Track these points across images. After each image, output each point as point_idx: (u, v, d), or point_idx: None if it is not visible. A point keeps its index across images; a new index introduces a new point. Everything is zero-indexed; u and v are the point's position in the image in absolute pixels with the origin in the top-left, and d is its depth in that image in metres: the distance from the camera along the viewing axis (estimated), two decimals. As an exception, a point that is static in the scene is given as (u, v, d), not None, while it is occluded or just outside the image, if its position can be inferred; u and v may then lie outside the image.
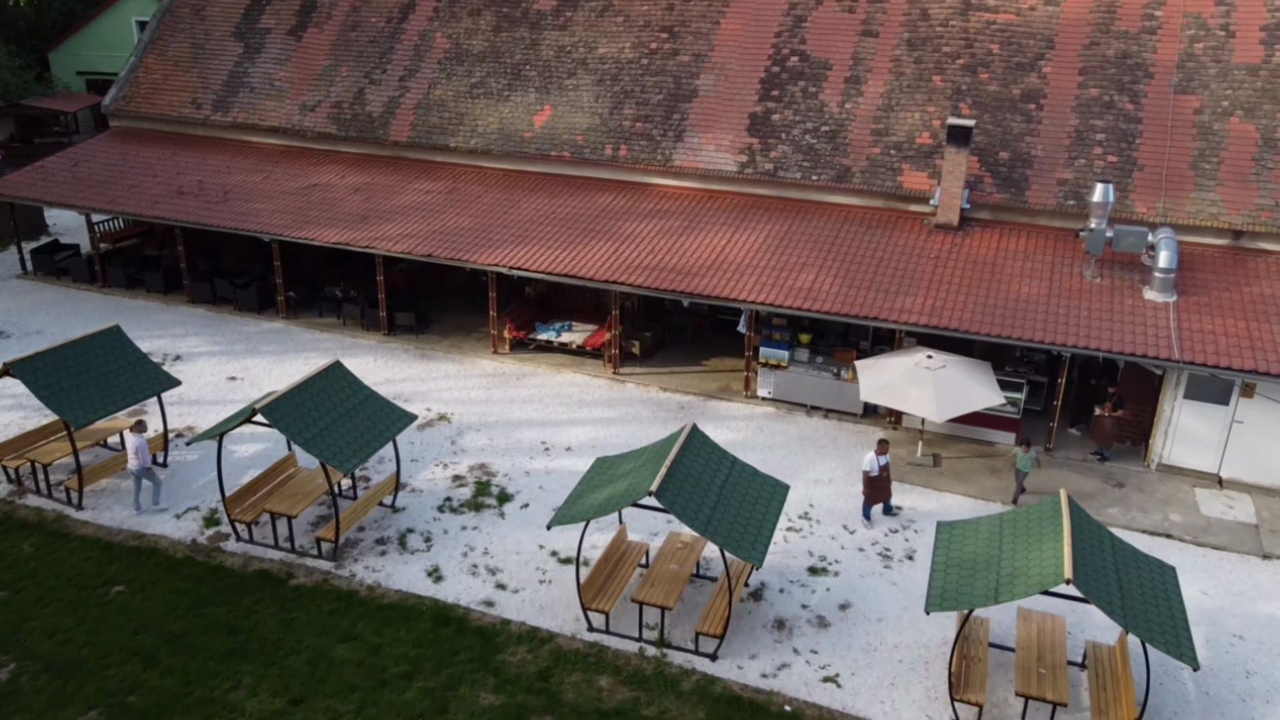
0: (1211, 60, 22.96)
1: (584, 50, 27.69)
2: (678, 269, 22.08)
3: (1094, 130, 22.88)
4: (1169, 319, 19.22)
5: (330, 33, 30.43)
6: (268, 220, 25.34)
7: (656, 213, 24.48)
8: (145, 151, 29.74)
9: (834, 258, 22.07)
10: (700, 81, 26.24)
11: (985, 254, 21.83)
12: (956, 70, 24.49)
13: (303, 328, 26.02)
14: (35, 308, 27.08)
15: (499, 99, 27.64)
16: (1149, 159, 22.22)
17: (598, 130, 26.30)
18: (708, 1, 27.44)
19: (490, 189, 26.28)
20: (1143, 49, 23.55)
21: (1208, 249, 21.41)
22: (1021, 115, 23.55)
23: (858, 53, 25.43)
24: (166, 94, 30.92)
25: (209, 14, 32.08)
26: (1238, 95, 22.39)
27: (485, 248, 23.43)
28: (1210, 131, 22.17)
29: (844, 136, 24.41)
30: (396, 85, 28.79)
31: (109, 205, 26.75)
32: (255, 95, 29.99)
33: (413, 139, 27.77)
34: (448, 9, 29.71)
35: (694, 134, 25.52)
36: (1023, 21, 24.71)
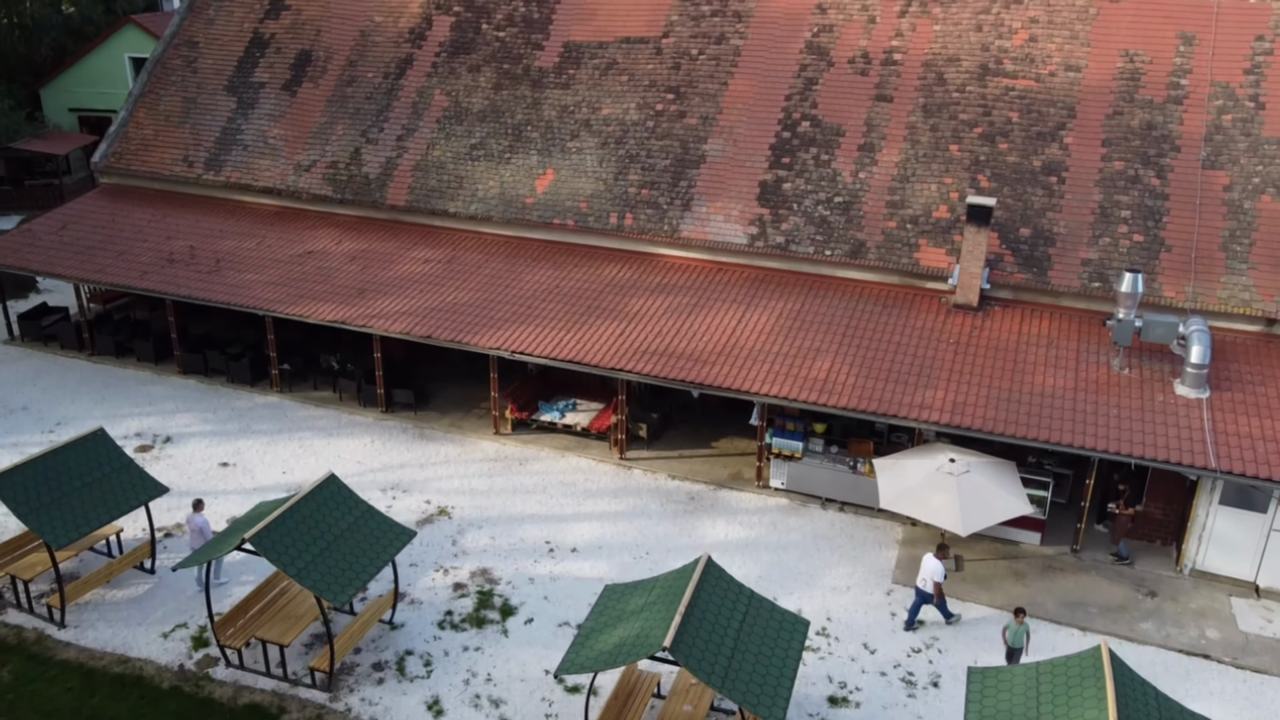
0: (1241, 133, 22.10)
1: (587, 110, 26.83)
2: (687, 354, 21.21)
3: (1119, 206, 22.02)
4: (1203, 419, 18.37)
5: (326, 88, 29.56)
6: (261, 294, 24.47)
7: (664, 287, 23.62)
8: (136, 212, 28.86)
9: (849, 342, 21.21)
10: (708, 146, 25.38)
11: (1007, 339, 20.97)
12: (974, 139, 23.63)
13: (297, 402, 25.15)
14: (22, 379, 26.20)
15: (499, 161, 26.78)
16: (1177, 239, 21.37)
17: (602, 197, 25.43)
18: (715, 61, 26.58)
19: (491, 257, 25.41)
20: (1169, 120, 22.70)
21: (1240, 335, 20.56)
22: (1043, 189, 22.69)
23: (871, 119, 24.57)
24: (157, 150, 30.04)
25: (201, 66, 31.21)
26: (1269, 171, 21.54)
27: (486, 327, 22.56)
28: (1241, 210, 21.32)
29: (858, 208, 23.54)
30: (394, 145, 27.92)
31: (98, 275, 25.87)
32: (249, 153, 29.12)
33: (411, 203, 26.90)
34: (446, 65, 28.85)
35: (702, 203, 24.66)
36: (1043, 88, 23.85)
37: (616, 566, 19.03)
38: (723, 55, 26.62)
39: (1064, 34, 24.33)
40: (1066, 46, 24.17)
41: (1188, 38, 23.49)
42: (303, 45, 30.54)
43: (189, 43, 31.77)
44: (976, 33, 24.94)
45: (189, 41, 31.80)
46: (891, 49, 25.36)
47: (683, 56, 26.90)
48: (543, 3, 29.07)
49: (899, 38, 25.46)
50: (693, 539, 19.89)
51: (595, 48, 27.82)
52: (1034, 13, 24.79)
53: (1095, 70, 23.75)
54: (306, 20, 31.01)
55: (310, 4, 31.27)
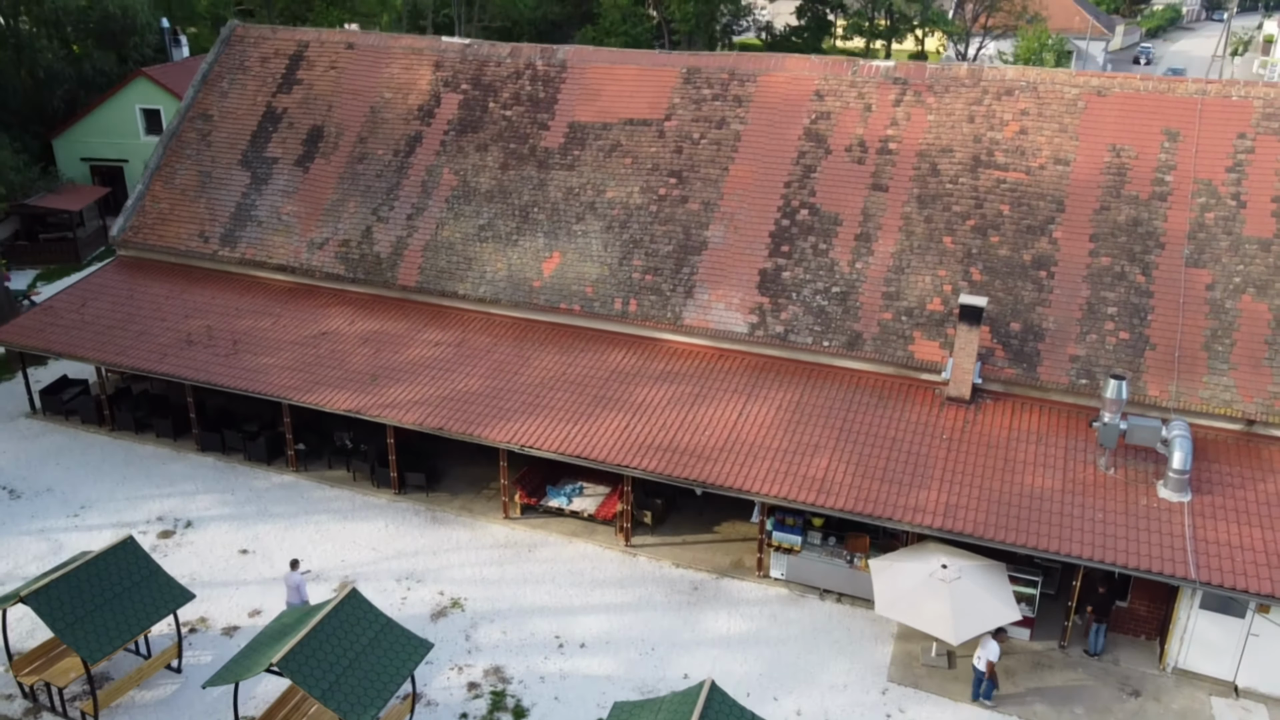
0: (1223, 232, 22.93)
1: (592, 193, 27.67)
2: (690, 450, 22.04)
3: (1105, 303, 22.85)
4: (1184, 525, 19.19)
5: (337, 164, 30.40)
6: (278, 379, 25.30)
7: (668, 375, 24.44)
8: (153, 287, 29.70)
9: (846, 437, 22.04)
10: (710, 232, 26.21)
11: (998, 435, 21.80)
12: (967, 231, 24.46)
13: (313, 482, 25.99)
14: (44, 456, 27.03)
15: (507, 243, 27.61)
16: (1161, 337, 22.19)
17: (607, 281, 26.27)
18: (716, 146, 27.41)
19: (500, 340, 26.24)
20: (1154, 216, 23.52)
21: (1222, 433, 21.38)
22: (1033, 283, 23.52)
23: (868, 208, 25.40)
24: (173, 225, 30.89)
25: (215, 139, 32.04)
26: (1250, 271, 22.36)
27: (496, 419, 23.39)
28: (1223, 310, 22.14)
29: (855, 299, 24.38)
30: (404, 224, 28.76)
31: (118, 357, 26.70)
32: (263, 230, 29.96)
33: (421, 283, 27.74)
34: (454, 143, 29.68)
35: (704, 290, 25.49)
36: (1033, 181, 24.67)
37: (624, 663, 19.86)
38: (724, 140, 27.45)
39: (1053, 126, 25.16)
40: (1056, 139, 24.99)
41: (1172, 134, 24.30)
42: (314, 120, 31.38)
43: (204, 115, 32.61)
44: (969, 124, 25.76)
45: (204, 114, 32.63)
46: (887, 138, 26.19)
47: (685, 140, 27.73)
48: (548, 82, 29.91)
49: (894, 126, 26.28)
50: (696, 633, 20.72)
51: (599, 128, 28.65)
52: (1024, 104, 25.61)
53: (1083, 164, 24.57)
54: (318, 95, 31.85)
55: (321, 79, 32.12)
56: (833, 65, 27.65)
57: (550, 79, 29.94)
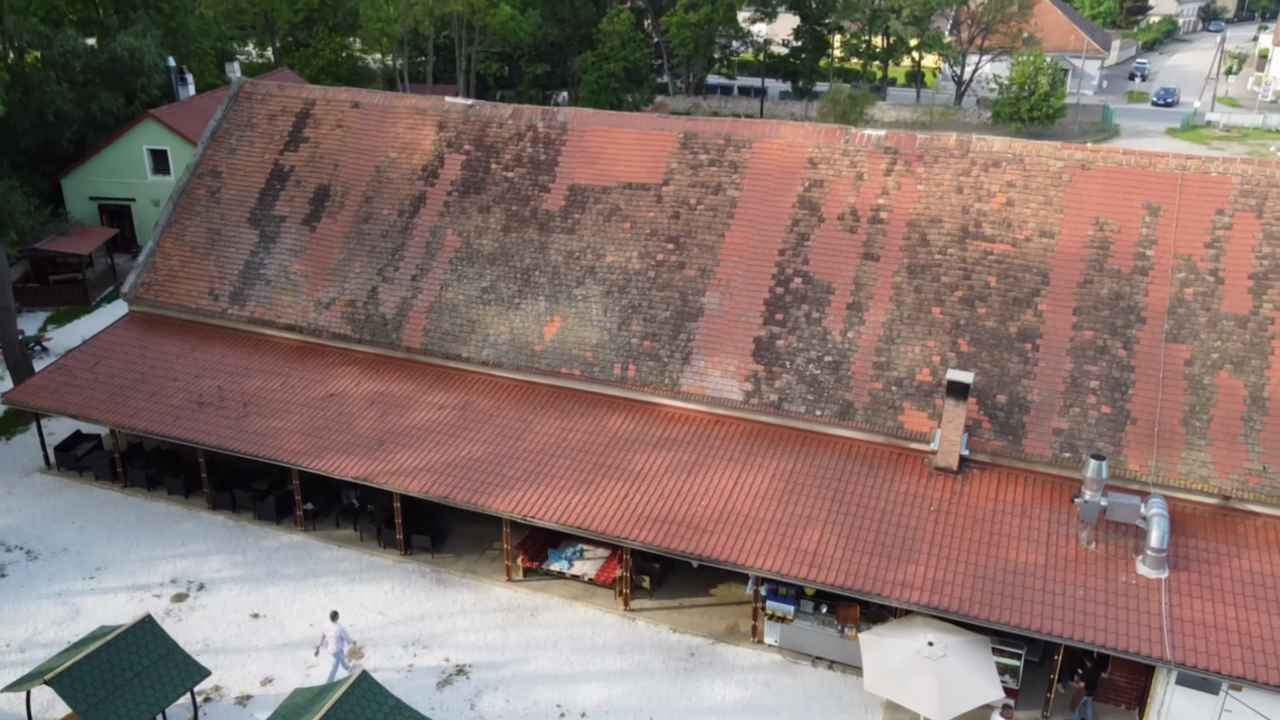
0: (1201, 307, 23.73)
1: (592, 257, 28.46)
2: (686, 521, 22.82)
3: (1088, 376, 23.64)
4: (1161, 603, 19.98)
5: (344, 223, 31.20)
6: (287, 444, 26.08)
7: (665, 442, 25.23)
8: (165, 345, 30.48)
9: (838, 508, 22.82)
10: (706, 299, 27.00)
11: (984, 507, 22.59)
12: (955, 303, 25.25)
13: (321, 542, 26.77)
14: (60, 515, 27.82)
15: (509, 306, 28.41)
16: (1141, 412, 22.98)
17: (607, 346, 27.06)
18: (713, 212, 28.21)
19: (503, 404, 27.02)
20: (1135, 290, 24.32)
21: (1200, 507, 22.17)
22: (1018, 355, 24.31)
23: (859, 277, 26.19)
24: (184, 282, 31.68)
25: (224, 197, 32.84)
26: (1227, 347, 23.16)
27: (499, 487, 24.17)
28: (1201, 385, 22.94)
29: (846, 369, 25.17)
30: (409, 285, 29.55)
31: (132, 419, 27.49)
32: (271, 288, 30.76)
33: (426, 345, 28.54)
34: (458, 204, 30.48)
35: (700, 356, 26.28)
36: (1019, 254, 25.47)
37: (622, 734, 20.67)
38: (720, 206, 28.25)
39: (1039, 199, 25.96)
40: (1041, 212, 25.79)
41: (1153, 208, 25.10)
42: (321, 179, 32.17)
43: (213, 172, 33.40)
44: (957, 194, 26.56)
45: (213, 171, 33.43)
46: (878, 207, 26.99)
47: (682, 205, 28.53)
48: (549, 144, 30.71)
49: (885, 195, 27.08)
50: (693, 701, 21.51)
51: (599, 192, 29.46)
52: (1011, 176, 26.41)
53: (1068, 237, 25.37)
54: (325, 153, 32.65)
55: (328, 137, 32.92)
56: (825, 134, 28.45)
57: (551, 141, 30.74)
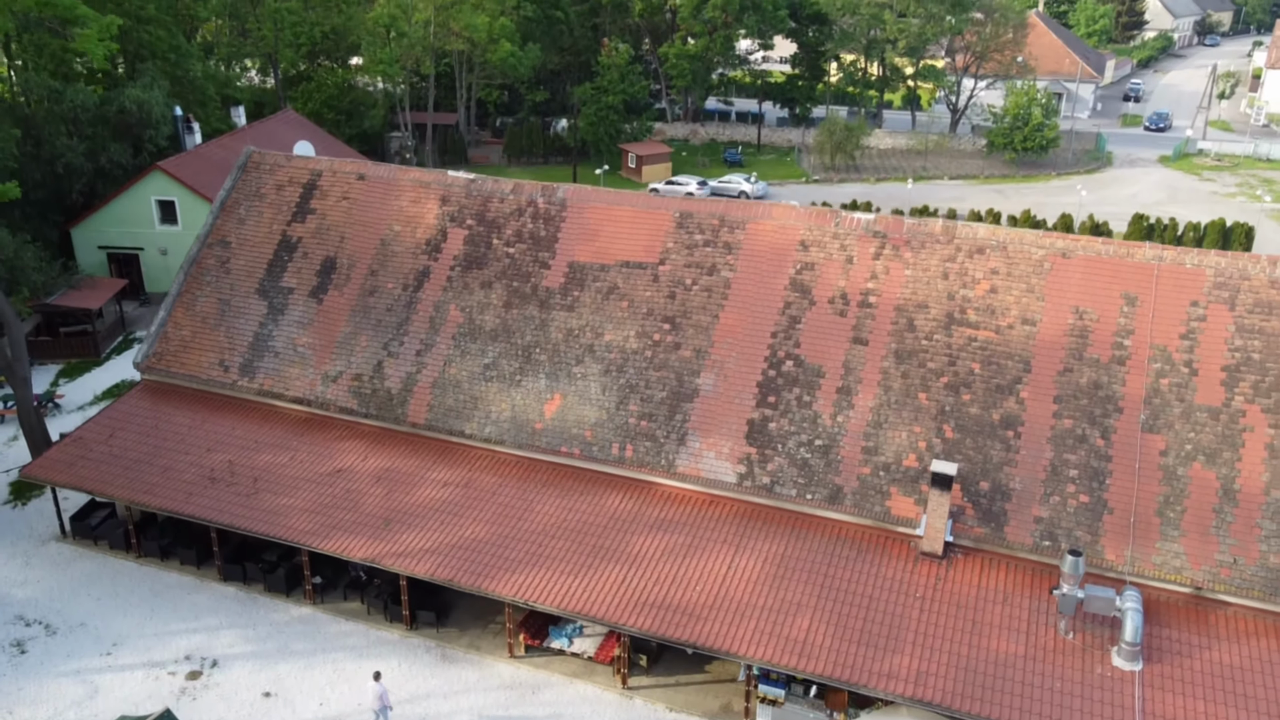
0: (1176, 398, 24.70)
1: (591, 335, 29.42)
2: (681, 607, 23.78)
3: (1068, 465, 24.61)
4: (1135, 697, 20.94)
5: (350, 296, 32.16)
6: (297, 523, 27.04)
7: (661, 524, 26.18)
8: (177, 416, 31.45)
9: (827, 594, 23.78)
10: (701, 380, 27.96)
11: (967, 594, 23.55)
12: (940, 389, 26.21)
13: (330, 615, 27.72)
14: (77, 587, 28.77)
15: (511, 383, 29.37)
16: (1118, 501, 23.94)
17: (605, 426, 28.02)
18: (708, 293, 29.18)
19: (505, 480, 27.97)
20: (1113, 380, 25.28)
21: (1174, 596, 23.13)
22: (1001, 443, 25.27)
23: (849, 361, 27.16)
24: (195, 353, 32.64)
25: (234, 267, 33.81)
26: (1200, 439, 24.12)
27: (502, 570, 25.13)
28: (1175, 476, 23.90)
29: (836, 452, 26.13)
30: (413, 360, 30.52)
31: (146, 495, 28.45)
32: (279, 360, 31.72)
33: (430, 421, 29.50)
34: (460, 279, 31.45)
35: (696, 438, 27.24)
36: (1002, 340, 26.44)
37: (620, 819, 21.61)
38: (714, 287, 29.22)
39: (1021, 286, 26.93)
40: (1024, 299, 26.76)
41: (1131, 298, 26.08)
42: (328, 251, 33.15)
43: (222, 242, 34.38)
44: (943, 280, 27.53)
45: (222, 241, 34.41)
46: (867, 290, 27.96)
47: (678, 285, 29.50)
48: (549, 220, 31.69)
49: (874, 280, 28.06)
50: (688, 784, 22.49)
51: (598, 270, 30.43)
52: (994, 263, 27.39)
53: (1049, 325, 26.33)
54: (331, 225, 33.63)
55: (334, 209, 33.90)
56: (817, 216, 29.44)
57: (551, 217, 31.72)
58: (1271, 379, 24.29)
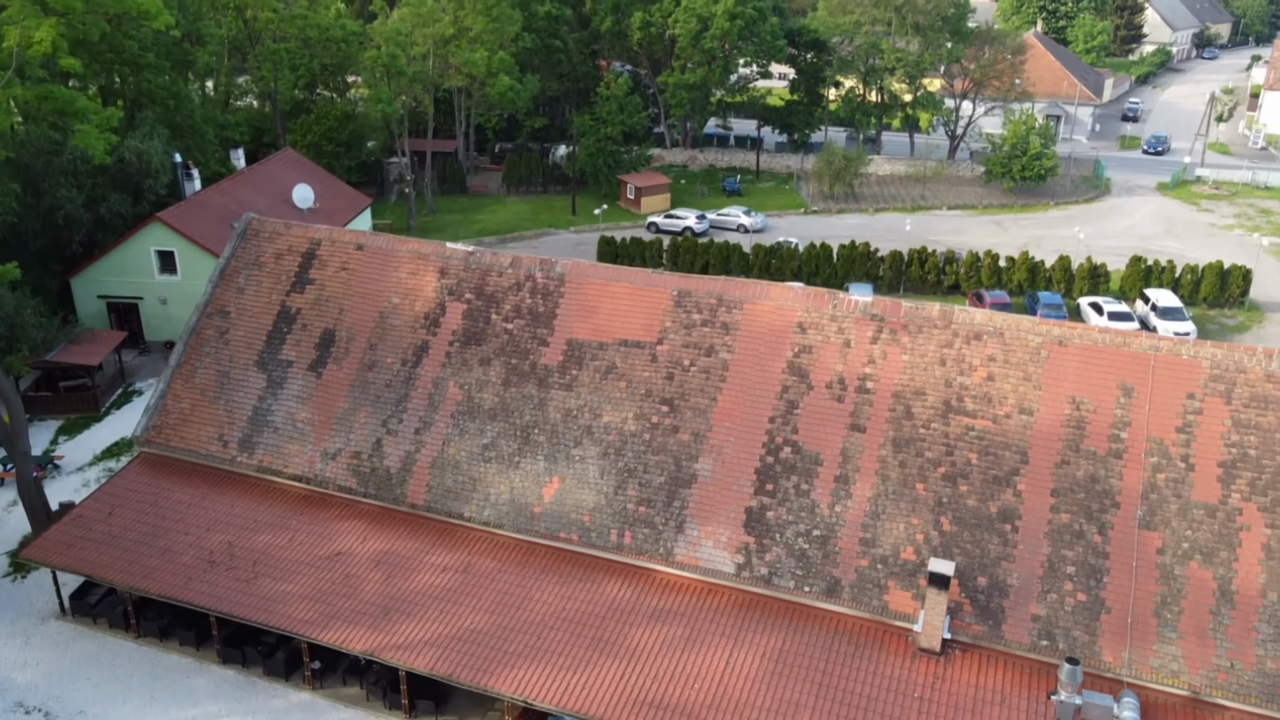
0: (1173, 494, 24.75)
1: (589, 416, 29.47)
2: (680, 707, 23.82)
3: (1065, 561, 24.66)
4: (1131, 809, 21.00)
5: (349, 370, 32.21)
6: (296, 611, 27.08)
7: (660, 614, 26.22)
8: (176, 492, 31.50)
9: (825, 694, 23.83)
10: (699, 465, 28.01)
11: (965, 694, 23.60)
12: (938, 480, 26.26)
13: (329, 701, 27.78)
14: (76, 669, 28.82)
15: (509, 464, 29.42)
16: (1116, 600, 24.00)
17: (604, 511, 28.07)
18: (705, 375, 29.23)
19: (504, 565, 28.02)
20: (1110, 474, 25.34)
21: (1171, 699, 23.16)
22: (998, 536, 25.33)
23: (846, 449, 27.21)
24: (194, 426, 32.68)
25: (233, 338, 33.86)
26: (1197, 537, 24.18)
27: (501, 665, 25.17)
28: (1172, 575, 23.96)
29: (834, 543, 26.18)
30: (412, 438, 30.57)
31: (145, 581, 28.49)
32: (279, 436, 31.76)
33: (429, 502, 29.55)
34: (459, 355, 31.51)
35: (694, 525, 27.29)
36: (999, 430, 26.49)
37: None
38: (712, 368, 29.27)
39: (1018, 374, 26.99)
40: (1020, 388, 26.82)
41: (1127, 389, 26.14)
42: (326, 324, 33.20)
43: (221, 312, 34.43)
44: (940, 366, 27.59)
45: (221, 311, 34.46)
46: (865, 376, 28.01)
47: (676, 366, 29.55)
48: (547, 296, 31.74)
49: (871, 364, 28.11)
50: None
51: (596, 348, 30.47)
52: (991, 350, 27.44)
53: (1046, 415, 26.39)
54: (330, 296, 33.67)
55: (333, 279, 33.95)
56: (814, 297, 29.49)
57: (549, 293, 31.77)
58: (1268, 476, 24.36)
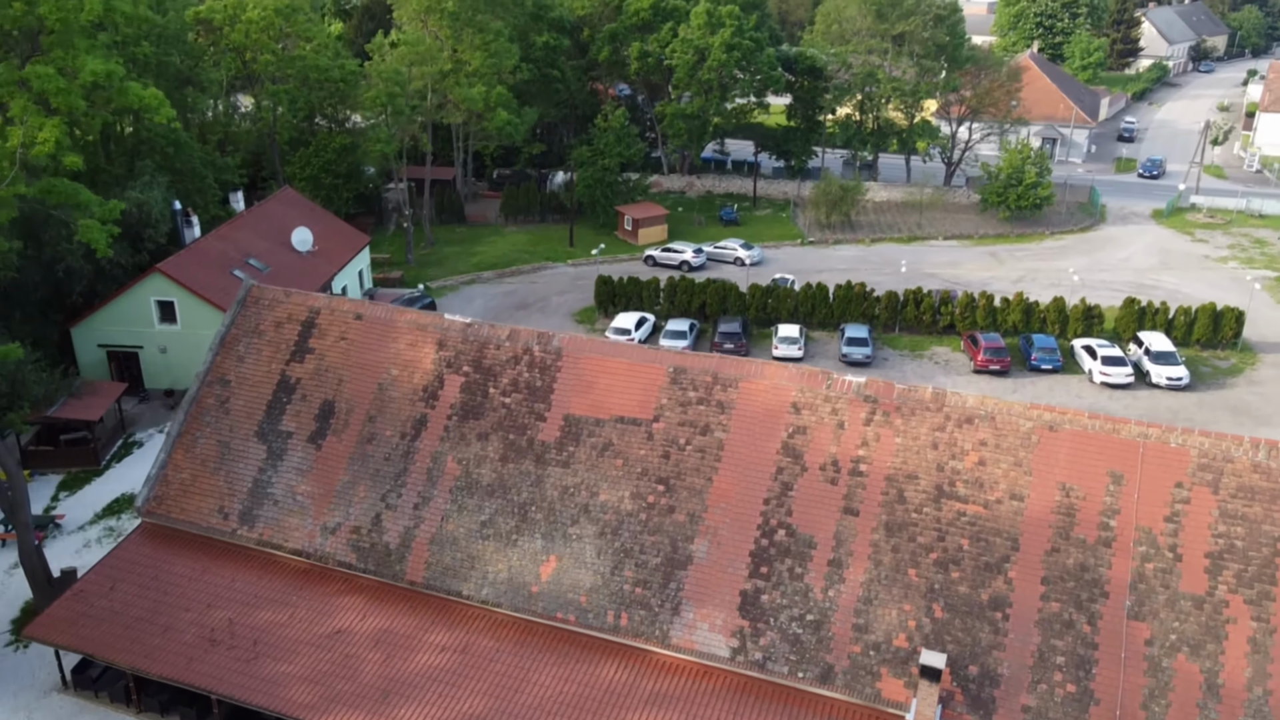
0: (1161, 585, 25.12)
1: (586, 494, 29.82)
2: (676, 799, 24.21)
3: (1055, 651, 25.02)
4: None
5: (348, 442, 32.54)
6: (296, 694, 27.43)
7: (656, 698, 26.58)
8: (177, 565, 31.84)
9: (818, 785, 24.22)
10: (695, 547, 28.36)
11: (956, 786, 23.98)
12: (930, 566, 26.62)
13: (329, 781, 28.13)
14: (79, 747, 29.21)
15: (507, 542, 29.76)
16: (1104, 692, 24.35)
17: (600, 591, 28.41)
18: (701, 454, 29.58)
19: (503, 645, 28.35)
20: (1099, 563, 25.70)
21: (1157, 791, 23.58)
22: (989, 625, 25.68)
23: (839, 532, 27.57)
24: (195, 498, 33.01)
25: (233, 407, 34.18)
26: (1184, 629, 24.54)
27: (499, 753, 25.55)
28: (1159, 668, 24.32)
29: (828, 628, 26.53)
30: (411, 514, 30.90)
31: (146, 661, 28.83)
32: (279, 509, 32.09)
33: (428, 579, 29.89)
34: (457, 429, 31.84)
35: (690, 608, 27.64)
36: (990, 516, 26.85)
37: None
38: (708, 448, 29.62)
39: (1009, 460, 27.35)
40: (1011, 473, 27.18)
41: (1117, 476, 26.50)
42: (326, 394, 33.52)
43: (221, 381, 34.75)
44: (933, 450, 27.95)
45: (222, 379, 34.77)
46: (858, 458, 28.37)
47: (672, 445, 29.89)
48: (544, 370, 32.09)
49: (865, 446, 28.47)
50: None
51: (593, 424, 30.81)
52: (983, 435, 27.81)
53: (1036, 501, 26.75)
54: (329, 366, 34.00)
55: (333, 349, 34.28)
56: (808, 378, 29.84)
57: (546, 366, 32.12)
58: (1254, 569, 24.73)
